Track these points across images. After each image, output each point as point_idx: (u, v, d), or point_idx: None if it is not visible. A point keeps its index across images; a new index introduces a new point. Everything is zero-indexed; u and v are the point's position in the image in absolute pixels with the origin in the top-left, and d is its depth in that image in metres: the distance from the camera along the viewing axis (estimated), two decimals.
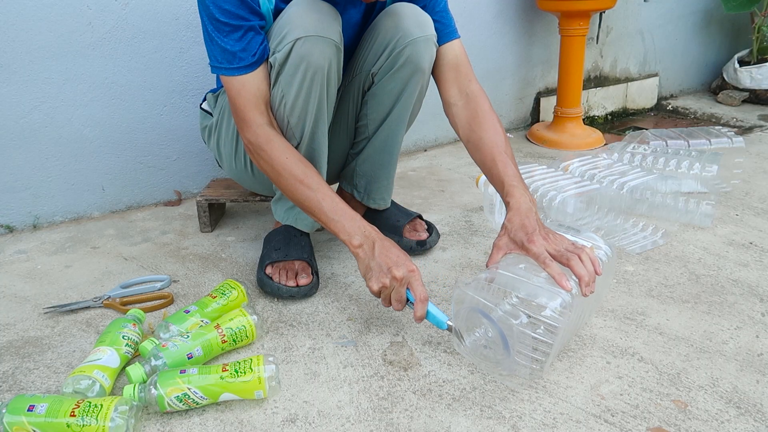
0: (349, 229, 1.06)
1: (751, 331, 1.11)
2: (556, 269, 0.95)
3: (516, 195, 1.08)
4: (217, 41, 1.08)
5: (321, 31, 1.07)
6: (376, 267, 1.03)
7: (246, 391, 0.93)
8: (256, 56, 1.09)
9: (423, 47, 1.19)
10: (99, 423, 0.84)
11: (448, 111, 1.26)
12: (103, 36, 1.59)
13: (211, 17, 1.07)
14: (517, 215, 1.04)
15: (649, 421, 0.89)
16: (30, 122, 1.57)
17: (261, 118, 1.11)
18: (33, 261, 1.45)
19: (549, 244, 0.99)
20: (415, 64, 1.21)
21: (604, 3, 2.12)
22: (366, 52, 1.24)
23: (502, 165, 1.13)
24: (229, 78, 1.10)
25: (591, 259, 0.96)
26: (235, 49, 1.07)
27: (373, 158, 1.36)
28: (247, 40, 1.08)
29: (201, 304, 1.14)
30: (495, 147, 1.16)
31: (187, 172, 1.81)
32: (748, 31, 2.87)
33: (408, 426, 0.89)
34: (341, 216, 1.07)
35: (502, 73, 2.39)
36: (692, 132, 2.25)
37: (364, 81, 1.27)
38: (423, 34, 1.18)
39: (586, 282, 0.94)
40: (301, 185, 1.08)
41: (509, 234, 1.03)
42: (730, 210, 1.64)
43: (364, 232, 1.06)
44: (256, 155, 1.12)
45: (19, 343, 1.12)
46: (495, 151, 1.15)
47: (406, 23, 1.18)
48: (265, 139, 1.10)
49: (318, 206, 1.07)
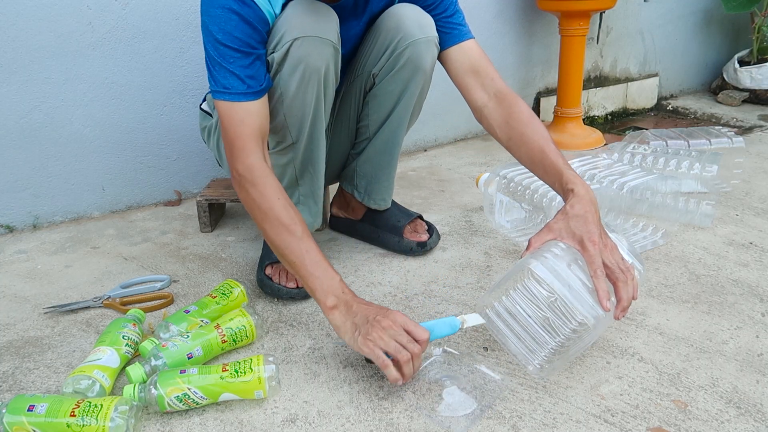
0: (327, 287, 0.97)
1: (751, 331, 1.11)
2: (603, 286, 0.91)
3: (579, 183, 1.01)
4: (225, 66, 1.02)
5: (319, 32, 1.07)
6: (362, 321, 0.93)
7: (246, 391, 0.93)
8: (263, 85, 1.06)
9: (424, 48, 1.19)
10: (99, 423, 0.84)
11: (479, 116, 1.22)
12: (103, 36, 1.60)
13: (217, 43, 1.02)
14: (581, 204, 0.97)
15: (649, 421, 0.89)
16: (30, 122, 1.57)
17: (259, 152, 1.04)
18: (33, 261, 1.45)
19: (606, 253, 0.94)
20: (416, 64, 1.20)
21: (604, 3, 2.12)
22: (367, 53, 1.24)
23: (554, 155, 1.07)
24: (232, 104, 1.03)
25: (634, 285, 0.94)
26: (243, 75, 1.03)
27: (374, 159, 1.36)
28: (255, 68, 1.04)
29: (201, 304, 1.14)
30: (542, 139, 1.10)
31: (187, 172, 1.81)
32: (748, 31, 2.87)
33: (408, 426, 0.89)
34: (322, 273, 0.98)
35: (502, 73, 2.34)
36: (692, 132, 2.25)
37: (365, 82, 1.27)
38: (424, 35, 1.18)
39: (623, 307, 0.93)
40: (287, 232, 1.00)
41: (569, 221, 0.97)
42: (730, 210, 1.64)
43: (341, 293, 0.97)
44: (244, 188, 1.04)
45: (19, 343, 1.12)
46: (542, 143, 1.09)
47: (407, 24, 1.18)
48: (260, 174, 1.02)
49: (300, 258, 0.99)
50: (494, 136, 1.20)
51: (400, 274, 1.34)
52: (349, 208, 1.48)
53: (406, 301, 1.23)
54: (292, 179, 1.24)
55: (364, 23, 1.22)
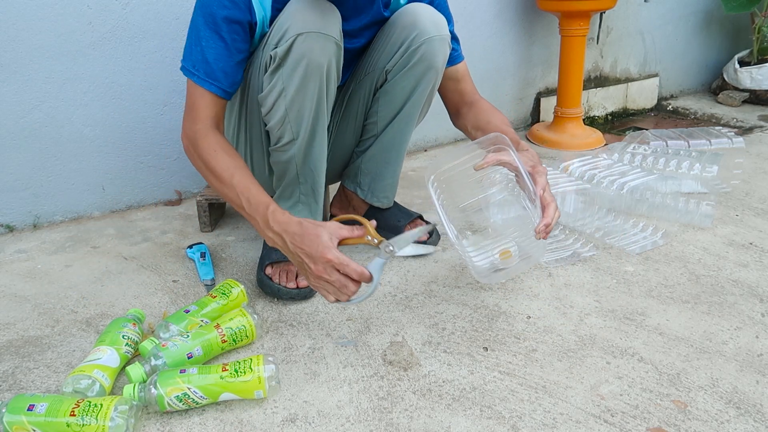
0: (262, 224, 1.02)
1: (751, 332, 1.11)
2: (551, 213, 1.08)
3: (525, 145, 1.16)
4: (203, 45, 1.08)
5: (322, 28, 1.07)
6: (299, 264, 1.00)
7: (246, 390, 0.93)
8: (234, 87, 1.12)
9: (438, 46, 1.20)
10: (99, 422, 0.84)
11: (456, 122, 1.35)
12: (104, 36, 1.59)
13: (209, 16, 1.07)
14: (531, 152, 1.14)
15: (649, 422, 0.89)
16: (30, 122, 1.57)
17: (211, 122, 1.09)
18: (33, 260, 1.45)
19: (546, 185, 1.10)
20: (429, 62, 1.21)
21: (605, 3, 2.12)
22: (380, 49, 1.25)
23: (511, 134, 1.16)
24: (198, 87, 1.09)
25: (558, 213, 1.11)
26: (215, 67, 1.08)
27: (380, 156, 1.36)
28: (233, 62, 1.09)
29: (201, 303, 1.14)
30: (501, 124, 1.22)
31: (187, 172, 1.81)
32: (749, 31, 2.87)
33: (408, 426, 0.89)
34: (254, 211, 1.02)
35: (502, 73, 2.39)
36: (692, 132, 2.25)
37: (377, 78, 1.28)
38: (438, 33, 1.20)
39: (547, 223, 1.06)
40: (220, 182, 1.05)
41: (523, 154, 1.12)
42: (730, 210, 1.64)
43: (273, 226, 1.00)
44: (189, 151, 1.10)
45: (19, 343, 1.12)
46: (502, 129, 1.18)
47: (422, 22, 1.19)
48: (202, 134, 1.07)
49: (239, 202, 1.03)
50: (466, 132, 1.31)
51: (400, 274, 1.34)
52: (350, 207, 1.48)
53: (406, 301, 1.23)
54: (292, 177, 1.23)
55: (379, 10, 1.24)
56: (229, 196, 1.05)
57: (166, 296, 1.27)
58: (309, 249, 0.96)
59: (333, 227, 0.98)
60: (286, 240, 0.99)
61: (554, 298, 1.23)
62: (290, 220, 0.99)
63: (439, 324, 1.15)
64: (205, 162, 1.06)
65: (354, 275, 0.95)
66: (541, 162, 1.15)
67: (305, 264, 0.98)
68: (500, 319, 1.16)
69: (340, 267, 0.95)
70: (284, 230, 0.99)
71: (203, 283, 1.31)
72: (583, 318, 1.16)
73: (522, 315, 1.17)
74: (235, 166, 1.05)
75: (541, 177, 1.10)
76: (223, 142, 1.08)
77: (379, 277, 0.98)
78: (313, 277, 0.99)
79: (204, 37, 1.07)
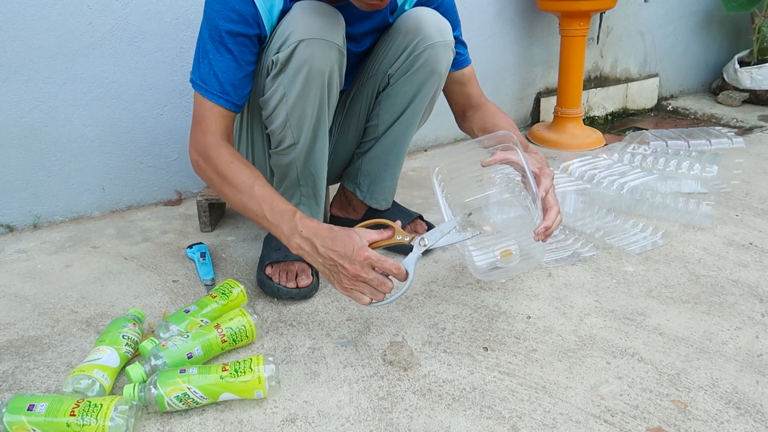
0: (288, 231, 0.99)
1: (751, 332, 1.11)
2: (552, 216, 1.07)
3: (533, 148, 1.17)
4: (210, 58, 1.06)
5: (325, 35, 1.06)
6: (331, 268, 0.97)
7: (246, 390, 0.93)
8: (243, 100, 1.11)
9: (442, 52, 1.20)
10: (99, 422, 0.84)
11: (462, 125, 1.36)
12: (104, 36, 1.59)
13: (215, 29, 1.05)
14: (538, 155, 1.14)
15: (649, 422, 0.89)
16: (30, 122, 1.57)
17: (221, 135, 1.08)
18: (33, 260, 1.45)
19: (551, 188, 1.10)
20: (432, 67, 1.21)
21: (605, 3, 2.12)
22: (384, 53, 1.24)
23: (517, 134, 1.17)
24: (207, 100, 1.07)
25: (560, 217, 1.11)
26: (223, 80, 1.06)
27: (380, 158, 1.36)
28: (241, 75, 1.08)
29: (201, 304, 1.14)
30: (508, 126, 1.22)
31: (188, 172, 1.81)
32: (749, 31, 2.87)
33: (408, 426, 0.89)
34: (279, 219, 1.00)
35: (502, 73, 2.39)
36: (692, 132, 2.25)
37: (380, 82, 1.28)
38: (443, 39, 1.19)
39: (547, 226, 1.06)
40: (239, 192, 1.03)
41: (531, 155, 1.12)
42: (730, 210, 1.64)
43: (301, 231, 0.98)
44: (200, 166, 1.08)
45: (19, 343, 1.12)
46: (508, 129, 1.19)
47: (426, 27, 1.19)
48: (213, 147, 1.06)
49: (260, 213, 1.01)
50: (472, 135, 1.30)
51: None
52: (349, 208, 1.48)
53: (406, 301, 1.23)
54: (293, 180, 1.24)
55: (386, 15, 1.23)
56: (249, 205, 1.03)
57: (166, 296, 1.27)
58: (344, 250, 0.95)
59: (362, 231, 0.99)
60: (316, 244, 0.97)
61: (554, 298, 1.23)
62: (320, 225, 0.99)
63: (439, 324, 1.15)
64: (220, 173, 1.04)
65: (393, 269, 0.95)
66: (549, 165, 1.15)
67: (339, 266, 0.96)
68: (500, 319, 1.16)
69: (378, 263, 0.94)
70: (315, 234, 0.97)
71: (203, 283, 1.31)
72: (583, 318, 1.16)
73: (522, 315, 1.17)
74: (255, 176, 1.04)
75: (546, 179, 1.09)
76: (237, 153, 1.07)
77: (413, 274, 0.98)
78: (347, 279, 0.96)
79: (211, 50, 1.06)
